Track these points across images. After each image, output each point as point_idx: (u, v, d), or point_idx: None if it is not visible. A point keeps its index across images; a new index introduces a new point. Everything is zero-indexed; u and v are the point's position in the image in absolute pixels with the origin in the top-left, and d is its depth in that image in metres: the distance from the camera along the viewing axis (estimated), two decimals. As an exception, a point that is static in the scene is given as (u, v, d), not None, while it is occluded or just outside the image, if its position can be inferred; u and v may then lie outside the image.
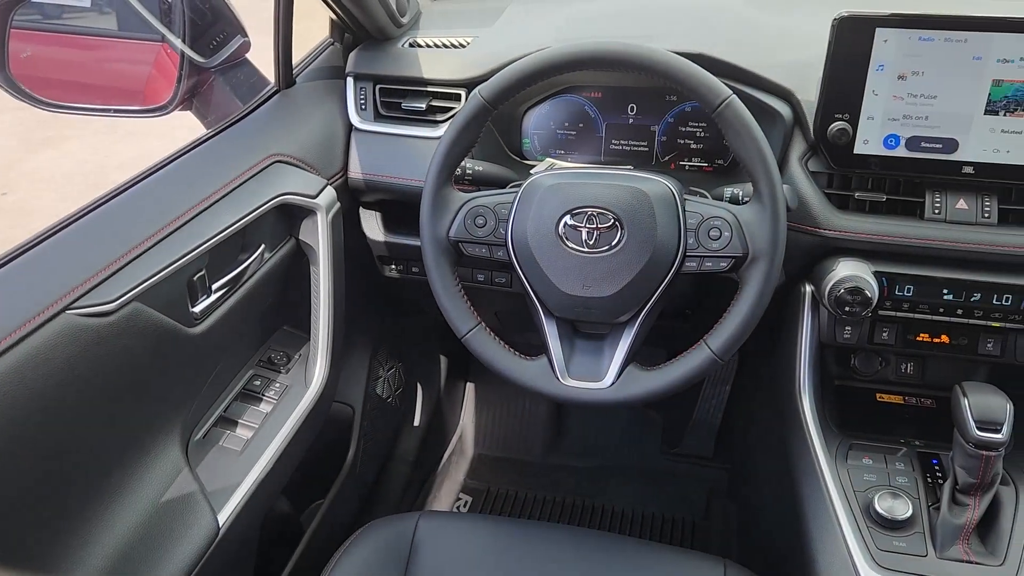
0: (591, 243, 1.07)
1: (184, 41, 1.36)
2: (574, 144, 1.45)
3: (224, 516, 1.08)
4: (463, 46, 1.42)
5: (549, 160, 1.43)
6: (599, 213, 1.06)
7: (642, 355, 1.14)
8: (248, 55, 1.44)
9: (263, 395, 1.27)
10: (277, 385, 1.29)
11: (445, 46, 1.43)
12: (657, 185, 1.08)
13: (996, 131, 1.12)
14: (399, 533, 1.19)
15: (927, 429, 1.27)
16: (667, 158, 1.42)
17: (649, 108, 1.40)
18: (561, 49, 1.06)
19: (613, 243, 1.06)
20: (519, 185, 1.14)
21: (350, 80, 1.44)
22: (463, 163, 1.23)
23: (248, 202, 1.16)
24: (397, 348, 1.87)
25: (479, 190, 1.18)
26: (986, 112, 1.11)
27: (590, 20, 1.44)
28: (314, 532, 1.53)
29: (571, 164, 1.41)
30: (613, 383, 1.10)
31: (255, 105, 1.34)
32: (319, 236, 1.28)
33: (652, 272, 1.06)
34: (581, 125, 1.44)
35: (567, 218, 1.07)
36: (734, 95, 1.02)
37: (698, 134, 1.39)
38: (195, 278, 1.06)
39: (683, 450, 2.13)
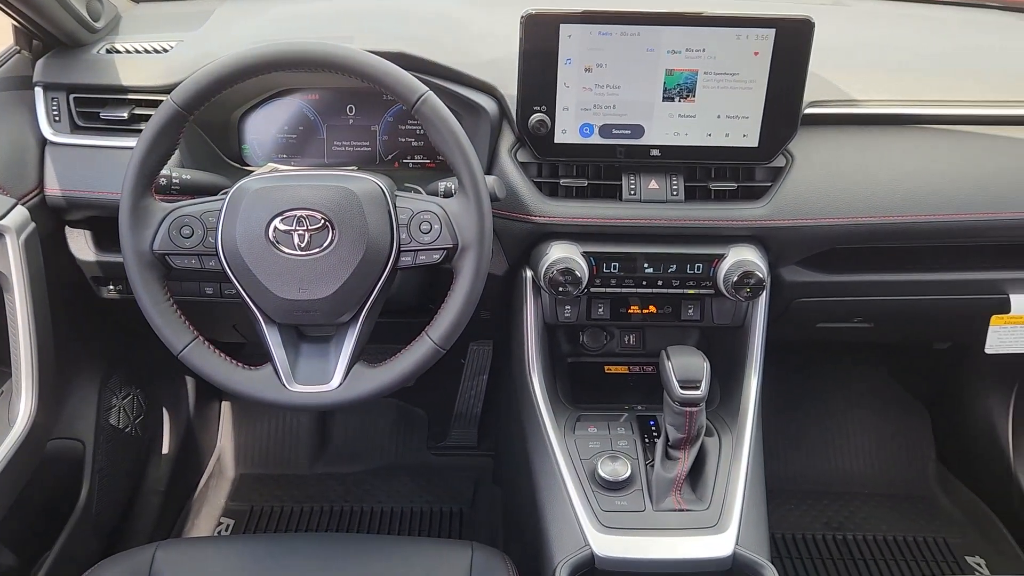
0: (303, 245, 1.05)
1: None
2: (297, 147, 1.43)
3: None
4: (165, 51, 1.35)
5: (271, 165, 1.40)
6: (308, 215, 1.05)
7: (387, 353, 1.13)
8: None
9: None
10: None
11: (146, 51, 1.35)
12: (366, 183, 1.08)
13: (674, 116, 1.23)
14: (133, 569, 1.11)
15: (648, 394, 1.37)
16: (390, 157, 1.43)
17: (368, 108, 1.41)
18: (254, 51, 1.03)
19: (325, 244, 1.05)
20: (228, 192, 1.10)
21: (39, 90, 1.32)
22: (170, 173, 1.17)
23: None
24: (134, 374, 1.75)
25: (193, 199, 1.13)
26: (664, 99, 1.21)
27: (296, 21, 1.43)
28: (44, 583, 1.40)
29: (294, 168, 1.39)
30: (341, 383, 1.10)
31: (-79, 121, 1.20)
32: (10, 261, 1.17)
33: (367, 269, 1.07)
34: (302, 128, 1.42)
35: (276, 222, 1.05)
36: (430, 91, 1.05)
37: (418, 131, 1.42)
38: None
39: (449, 443, 2.17)
